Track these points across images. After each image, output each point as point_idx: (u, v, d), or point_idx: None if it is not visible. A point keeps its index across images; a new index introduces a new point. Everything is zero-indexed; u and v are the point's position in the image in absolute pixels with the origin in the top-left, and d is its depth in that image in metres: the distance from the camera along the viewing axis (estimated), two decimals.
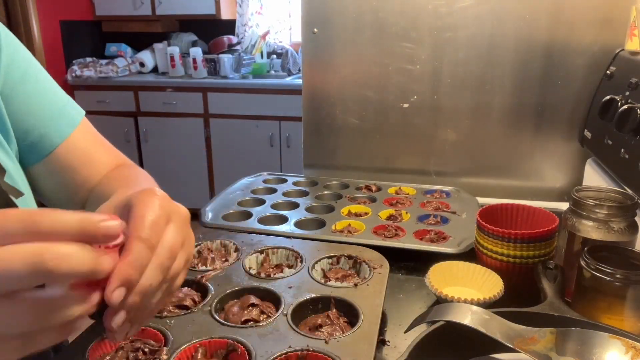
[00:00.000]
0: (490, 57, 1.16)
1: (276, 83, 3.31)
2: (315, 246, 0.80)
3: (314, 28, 1.22)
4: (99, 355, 0.56)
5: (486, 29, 1.14)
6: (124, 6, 3.65)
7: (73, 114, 0.69)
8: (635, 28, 0.99)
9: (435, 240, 0.88)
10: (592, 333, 0.53)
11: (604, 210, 0.66)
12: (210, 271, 0.73)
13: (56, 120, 0.66)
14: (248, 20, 3.67)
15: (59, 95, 0.68)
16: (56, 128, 0.65)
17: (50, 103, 0.66)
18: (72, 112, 0.69)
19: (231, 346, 0.56)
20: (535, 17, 1.11)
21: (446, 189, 1.16)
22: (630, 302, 0.59)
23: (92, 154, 0.70)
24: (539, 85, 1.15)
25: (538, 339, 0.52)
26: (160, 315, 0.62)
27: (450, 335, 0.54)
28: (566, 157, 1.19)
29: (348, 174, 1.27)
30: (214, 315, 0.62)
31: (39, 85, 0.65)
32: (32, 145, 0.64)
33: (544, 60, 1.13)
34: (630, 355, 0.50)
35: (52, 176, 0.67)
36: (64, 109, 0.67)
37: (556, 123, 1.17)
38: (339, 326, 0.61)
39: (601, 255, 0.61)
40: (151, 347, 0.57)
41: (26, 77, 0.63)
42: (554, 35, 1.12)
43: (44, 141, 0.65)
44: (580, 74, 1.12)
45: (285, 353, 0.55)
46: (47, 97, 0.65)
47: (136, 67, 3.70)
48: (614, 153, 0.91)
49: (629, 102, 0.87)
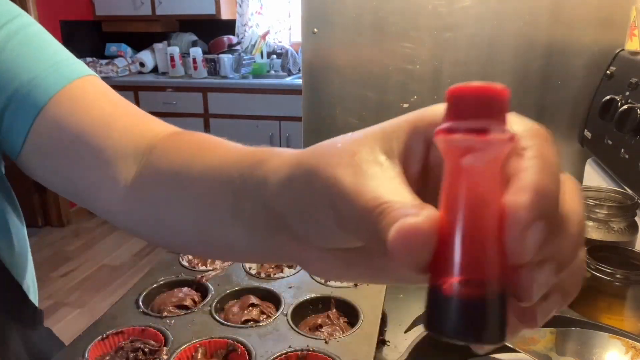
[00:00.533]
0: (490, 57, 1.16)
1: (276, 83, 3.31)
2: None
3: (314, 28, 1.22)
4: (99, 355, 0.56)
5: (486, 29, 1.14)
6: (124, 6, 3.65)
7: (74, 68, 0.48)
8: (635, 28, 0.99)
9: None
10: (592, 333, 0.53)
11: (604, 210, 0.66)
12: (210, 271, 0.73)
13: (48, 74, 0.46)
14: (248, 20, 3.67)
15: (56, 50, 0.49)
16: (47, 81, 0.46)
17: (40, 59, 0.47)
18: (72, 67, 0.48)
19: (231, 346, 0.56)
20: (535, 17, 1.11)
21: None
22: (630, 302, 0.59)
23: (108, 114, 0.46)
24: (539, 85, 1.15)
25: (538, 339, 0.52)
26: (160, 315, 0.62)
27: None
28: (566, 157, 1.19)
29: None
30: (214, 315, 0.62)
31: (29, 40, 0.48)
32: (15, 113, 0.45)
33: (544, 60, 1.13)
34: (630, 355, 0.50)
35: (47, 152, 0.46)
36: (60, 64, 0.48)
37: (556, 123, 1.17)
38: (339, 326, 0.61)
39: (601, 255, 0.61)
40: (151, 347, 0.57)
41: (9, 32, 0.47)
42: (554, 36, 1.12)
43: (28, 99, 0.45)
44: (580, 74, 1.12)
45: (285, 353, 0.55)
46: (38, 52, 0.48)
47: (136, 67, 3.70)
48: (614, 153, 0.91)
49: (629, 102, 0.87)
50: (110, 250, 3.19)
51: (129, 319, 0.61)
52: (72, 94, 0.46)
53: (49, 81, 0.45)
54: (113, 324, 0.60)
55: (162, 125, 0.47)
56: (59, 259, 3.08)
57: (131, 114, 0.47)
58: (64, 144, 0.45)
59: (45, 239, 3.32)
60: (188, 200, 0.38)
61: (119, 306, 0.64)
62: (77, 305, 2.60)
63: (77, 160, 0.45)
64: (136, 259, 3.08)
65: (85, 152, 0.44)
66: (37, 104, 0.45)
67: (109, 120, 0.45)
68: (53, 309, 2.55)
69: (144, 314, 0.63)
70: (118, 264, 3.02)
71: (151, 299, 0.67)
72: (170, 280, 0.70)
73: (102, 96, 0.47)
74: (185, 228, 0.39)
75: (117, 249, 3.19)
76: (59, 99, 0.45)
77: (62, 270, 2.94)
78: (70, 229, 3.50)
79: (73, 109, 0.45)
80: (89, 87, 0.47)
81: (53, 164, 0.46)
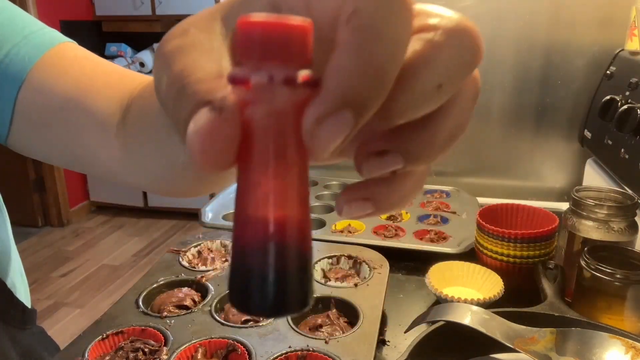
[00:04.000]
0: (490, 57, 1.16)
1: None
2: (315, 246, 0.80)
3: None
4: (99, 355, 0.56)
5: (486, 29, 1.14)
6: (124, 6, 3.65)
7: (49, 36, 0.46)
8: (635, 28, 0.99)
9: (435, 240, 0.88)
10: (592, 333, 0.53)
11: (604, 210, 0.66)
12: (210, 271, 0.73)
13: (20, 47, 0.44)
14: None
15: (26, 22, 0.46)
16: (22, 53, 0.44)
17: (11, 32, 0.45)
18: (47, 35, 0.46)
19: (231, 346, 0.56)
20: (535, 17, 1.11)
21: (446, 189, 1.16)
22: (630, 302, 0.59)
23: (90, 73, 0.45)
24: (539, 85, 1.15)
25: (538, 339, 0.52)
26: (160, 315, 0.62)
27: (450, 335, 0.54)
28: (566, 157, 1.19)
29: (348, 174, 1.27)
30: (214, 315, 0.62)
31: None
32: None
33: (544, 60, 1.13)
34: (630, 355, 0.50)
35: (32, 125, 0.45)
36: (34, 34, 0.45)
37: (556, 123, 1.17)
38: (339, 326, 0.61)
39: (601, 255, 0.61)
40: (151, 347, 0.57)
41: None
42: (554, 35, 1.12)
43: (7, 76, 0.43)
44: (580, 74, 1.12)
45: (285, 353, 0.55)
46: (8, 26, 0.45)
47: (136, 67, 3.70)
48: (614, 153, 0.91)
49: (629, 102, 0.87)
50: (110, 250, 3.19)
51: (129, 319, 0.61)
52: (51, 62, 0.44)
53: (23, 53, 0.44)
54: (113, 324, 0.60)
55: (142, 77, 0.46)
56: (59, 259, 3.08)
57: (111, 70, 0.46)
58: (54, 111, 0.43)
59: (45, 239, 3.32)
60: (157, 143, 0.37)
61: (119, 306, 0.64)
62: (77, 305, 2.60)
63: (70, 125, 0.44)
64: (136, 259, 3.08)
65: (77, 116, 0.43)
66: (16, 79, 0.43)
67: (93, 80, 0.44)
68: (53, 309, 2.55)
69: (144, 314, 0.63)
70: (118, 264, 3.02)
71: (151, 299, 0.67)
72: (170, 280, 0.70)
73: (82, 58, 0.46)
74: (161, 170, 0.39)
75: (117, 249, 3.19)
76: (39, 67, 0.44)
77: (62, 270, 2.94)
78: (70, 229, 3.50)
79: (55, 74, 0.44)
80: (67, 52, 0.46)
81: (46, 133, 0.45)
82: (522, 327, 0.53)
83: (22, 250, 3.08)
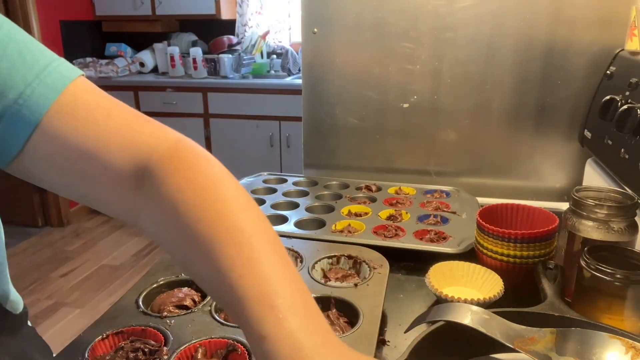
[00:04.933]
0: (490, 57, 1.16)
1: (276, 83, 3.31)
2: (315, 246, 0.80)
3: (314, 28, 1.22)
4: (99, 355, 0.56)
5: (486, 29, 1.14)
6: (124, 6, 3.65)
7: (59, 73, 0.47)
8: (635, 28, 0.99)
9: (435, 240, 0.88)
10: (592, 333, 0.53)
11: (604, 210, 0.66)
12: None
13: (33, 88, 0.45)
14: (248, 21, 3.67)
15: (35, 56, 0.47)
16: (35, 95, 0.45)
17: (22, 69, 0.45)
18: (57, 72, 0.47)
19: (231, 346, 0.56)
20: (535, 17, 1.11)
21: (446, 189, 1.16)
22: (630, 302, 0.59)
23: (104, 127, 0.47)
24: (539, 85, 1.15)
25: (538, 339, 0.52)
26: (160, 315, 0.62)
27: (450, 335, 0.54)
28: (566, 157, 1.19)
29: (348, 174, 1.27)
30: (214, 315, 0.62)
31: (3, 48, 0.45)
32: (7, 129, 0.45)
33: (544, 60, 1.13)
34: (630, 355, 0.50)
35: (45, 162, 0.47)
36: (45, 71, 0.46)
37: (556, 123, 1.17)
38: (339, 326, 0.61)
39: (601, 255, 0.61)
40: (151, 347, 0.57)
41: None
42: (554, 35, 1.12)
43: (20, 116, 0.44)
44: (580, 74, 1.12)
45: None
46: (19, 62, 0.46)
47: (136, 67, 3.70)
48: (614, 153, 0.91)
49: (629, 102, 0.87)
50: (110, 250, 3.19)
51: (129, 319, 0.61)
52: (65, 110, 0.46)
53: (37, 95, 0.45)
54: (113, 324, 0.60)
55: (156, 133, 0.49)
56: (59, 259, 3.08)
57: (125, 123, 0.48)
58: (70, 161, 0.46)
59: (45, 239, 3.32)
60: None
61: (119, 306, 0.64)
62: (77, 305, 2.60)
63: (86, 177, 0.47)
64: (136, 259, 3.08)
65: (93, 171, 0.46)
66: (30, 122, 0.45)
67: (107, 134, 0.47)
68: (53, 309, 2.55)
69: (144, 314, 0.63)
70: (118, 264, 3.02)
71: (151, 299, 0.67)
72: (170, 280, 0.70)
73: (95, 107, 0.48)
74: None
75: (117, 249, 3.19)
76: (54, 114, 0.45)
77: (62, 270, 2.94)
78: (70, 229, 3.50)
79: (70, 126, 0.46)
80: (79, 96, 0.47)
81: (60, 175, 0.48)
82: (522, 327, 0.53)
83: (22, 250, 3.08)
